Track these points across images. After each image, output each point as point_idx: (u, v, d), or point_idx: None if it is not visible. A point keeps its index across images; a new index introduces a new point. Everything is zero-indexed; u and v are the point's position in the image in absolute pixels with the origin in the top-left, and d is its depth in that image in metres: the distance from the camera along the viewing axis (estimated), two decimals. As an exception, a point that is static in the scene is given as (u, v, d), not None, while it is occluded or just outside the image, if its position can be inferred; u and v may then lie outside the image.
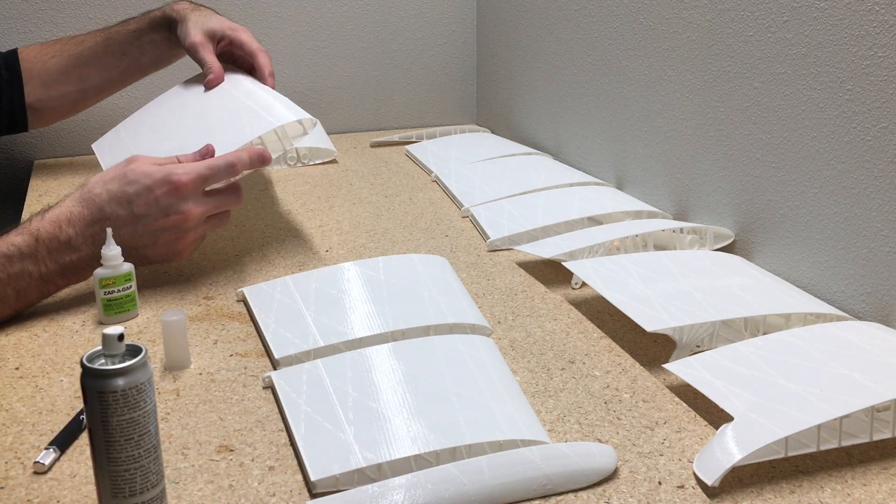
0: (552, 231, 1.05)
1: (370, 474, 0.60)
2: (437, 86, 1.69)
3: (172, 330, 0.74)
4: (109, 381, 0.51)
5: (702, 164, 1.03)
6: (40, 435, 0.66)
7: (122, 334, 0.52)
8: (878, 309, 0.80)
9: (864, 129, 0.80)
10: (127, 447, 0.52)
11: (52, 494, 0.59)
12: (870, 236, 0.80)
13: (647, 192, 1.15)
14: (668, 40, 1.07)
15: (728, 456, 0.59)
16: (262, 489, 0.60)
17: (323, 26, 1.59)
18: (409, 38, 1.65)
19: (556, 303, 0.89)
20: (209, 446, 0.65)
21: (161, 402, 0.70)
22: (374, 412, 0.65)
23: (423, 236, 1.09)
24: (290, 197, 1.25)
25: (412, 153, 1.47)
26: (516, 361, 0.77)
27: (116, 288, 0.83)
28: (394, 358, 0.72)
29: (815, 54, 0.84)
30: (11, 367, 0.76)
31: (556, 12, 1.35)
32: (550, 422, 0.68)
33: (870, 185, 0.80)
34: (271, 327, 0.80)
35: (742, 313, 0.78)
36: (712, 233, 0.98)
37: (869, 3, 0.78)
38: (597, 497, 0.59)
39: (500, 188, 1.21)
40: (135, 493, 0.53)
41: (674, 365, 0.70)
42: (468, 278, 0.95)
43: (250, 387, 0.73)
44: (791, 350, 0.71)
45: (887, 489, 0.60)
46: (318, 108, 1.63)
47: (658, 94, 1.10)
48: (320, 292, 0.85)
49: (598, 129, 1.27)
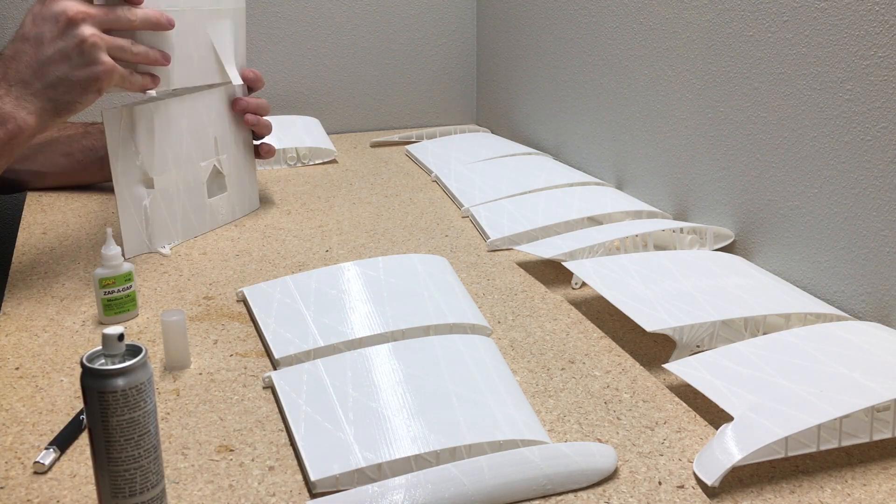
0: (552, 231, 1.05)
1: (370, 474, 0.60)
2: (437, 86, 1.69)
3: (172, 330, 0.75)
4: (109, 381, 0.51)
5: (702, 164, 1.03)
6: (40, 435, 0.66)
7: (122, 334, 0.52)
8: (878, 309, 0.80)
9: (864, 129, 0.80)
10: (127, 447, 0.52)
11: (52, 494, 0.59)
12: (870, 236, 0.80)
13: (647, 192, 1.15)
14: (668, 40, 1.07)
15: (728, 456, 0.59)
16: (262, 489, 0.60)
17: (323, 26, 1.59)
18: (409, 38, 1.65)
19: (556, 303, 0.89)
20: (209, 446, 0.65)
21: (161, 402, 0.70)
22: (374, 412, 0.65)
23: (423, 236, 1.09)
24: (290, 197, 1.25)
25: (412, 153, 1.47)
26: (516, 361, 0.77)
27: (116, 288, 0.83)
28: (394, 358, 0.72)
29: (815, 54, 0.84)
30: (11, 367, 0.76)
31: (556, 12, 1.35)
32: (550, 422, 0.68)
33: (870, 185, 0.80)
34: (271, 327, 0.80)
35: (742, 313, 0.78)
36: (712, 233, 0.98)
37: (869, 3, 0.78)
38: (597, 497, 0.59)
39: (500, 188, 1.21)
40: (135, 493, 0.53)
41: (674, 365, 0.70)
42: (468, 278, 0.95)
43: (250, 387, 0.73)
44: (791, 350, 0.71)
45: (887, 489, 0.60)
46: (318, 108, 1.63)
47: (658, 94, 1.10)
48: (320, 292, 0.85)
49: (598, 129, 1.27)
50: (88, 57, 0.86)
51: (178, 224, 1.05)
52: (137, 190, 0.99)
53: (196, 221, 1.08)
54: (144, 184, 1.00)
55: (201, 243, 1.06)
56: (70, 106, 0.87)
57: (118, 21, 0.89)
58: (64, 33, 0.85)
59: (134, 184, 0.99)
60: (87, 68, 0.86)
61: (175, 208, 1.04)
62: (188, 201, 1.06)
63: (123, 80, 0.90)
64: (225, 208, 1.12)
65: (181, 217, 1.05)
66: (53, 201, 1.20)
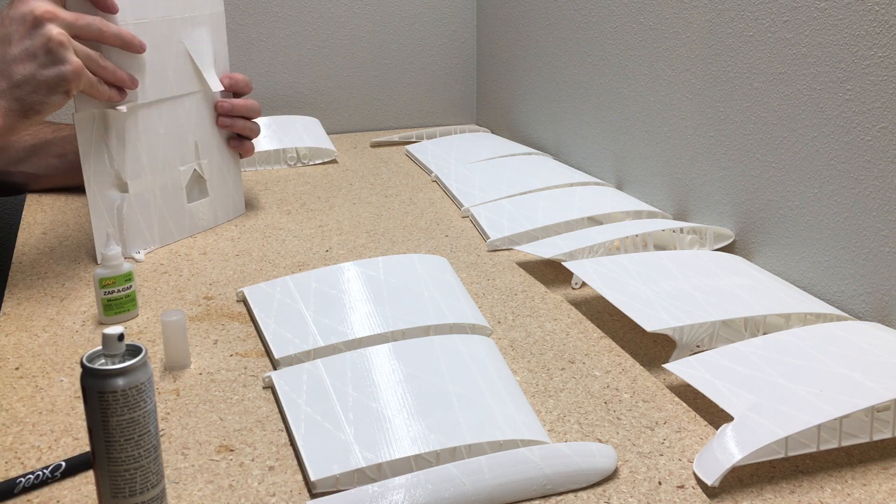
0: (552, 231, 1.05)
1: (370, 474, 0.60)
2: (437, 86, 1.69)
3: (172, 330, 0.75)
4: (109, 381, 0.51)
5: (702, 164, 1.03)
6: (40, 435, 0.66)
7: (122, 334, 0.52)
8: (878, 309, 0.80)
9: (864, 129, 0.80)
10: (127, 447, 0.52)
11: (52, 494, 0.59)
12: (870, 236, 0.80)
13: (647, 192, 1.15)
14: (668, 40, 1.07)
15: (728, 456, 0.59)
16: (262, 489, 0.60)
17: (323, 26, 1.59)
18: (409, 38, 1.65)
19: (556, 303, 0.89)
20: (209, 446, 0.65)
21: (161, 402, 0.70)
22: (374, 412, 0.65)
23: (423, 236, 1.09)
24: (290, 197, 1.25)
25: (412, 153, 1.47)
26: (516, 361, 0.77)
27: (116, 288, 0.83)
28: (394, 358, 0.72)
29: (815, 54, 0.84)
30: (11, 367, 0.76)
31: (556, 12, 1.35)
32: (550, 422, 0.68)
33: (870, 185, 0.80)
34: (271, 327, 0.80)
35: (742, 313, 0.78)
36: (712, 233, 0.98)
37: (869, 3, 0.78)
38: (597, 497, 0.59)
39: (500, 188, 1.21)
40: (135, 493, 0.53)
41: (674, 365, 0.70)
42: (468, 278, 0.95)
43: (250, 387, 0.73)
44: (791, 350, 0.71)
45: (887, 489, 0.60)
46: (318, 108, 1.63)
47: (658, 94, 1.10)
48: (320, 292, 0.85)
49: (598, 129, 1.27)
50: (55, 56, 0.84)
51: (154, 229, 1.03)
52: (110, 194, 0.98)
53: (174, 226, 1.06)
54: (118, 188, 0.98)
55: (201, 243, 1.06)
56: (38, 106, 0.85)
57: (88, 29, 0.88)
58: (31, 32, 0.84)
59: (107, 188, 0.97)
60: (53, 67, 0.84)
61: (151, 213, 1.02)
62: (166, 206, 1.04)
63: (91, 87, 0.89)
64: (206, 213, 1.10)
65: (158, 222, 1.03)
66: (53, 201, 1.20)
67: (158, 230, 1.04)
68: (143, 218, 1.01)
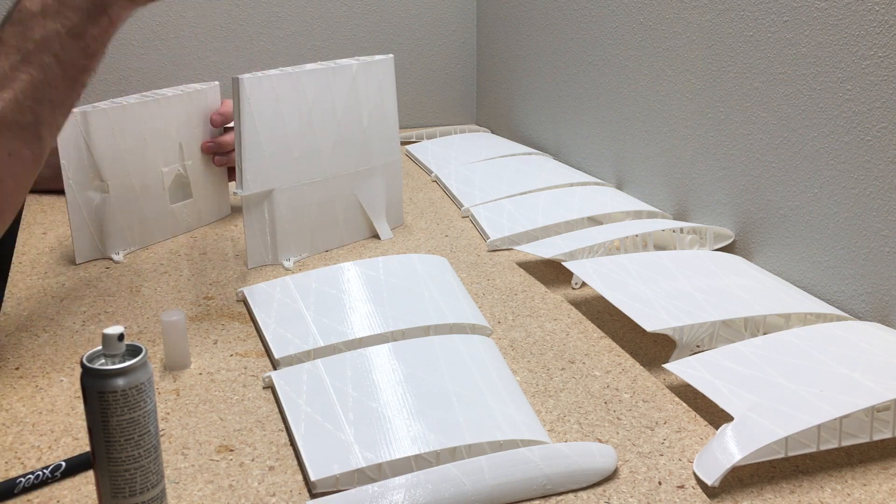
0: (552, 231, 1.05)
1: (370, 474, 0.60)
2: (437, 86, 1.69)
3: (172, 330, 0.74)
4: (109, 381, 0.51)
5: (702, 164, 1.03)
6: (40, 435, 0.66)
7: (122, 334, 0.52)
8: (878, 309, 0.80)
9: (864, 129, 0.80)
10: (127, 447, 0.52)
11: (52, 494, 0.59)
12: (870, 236, 0.80)
13: (647, 192, 1.15)
14: (668, 40, 1.07)
15: (728, 456, 0.59)
16: (262, 489, 0.60)
17: (323, 26, 1.59)
18: (409, 38, 1.65)
19: (556, 303, 0.89)
20: (209, 446, 0.65)
21: (161, 402, 0.70)
22: (374, 412, 0.65)
23: (423, 236, 1.09)
24: (290, 197, 1.25)
25: (412, 153, 1.47)
26: (516, 361, 0.77)
27: None
28: (394, 358, 0.72)
29: (815, 54, 0.84)
30: (11, 367, 0.76)
31: (556, 12, 1.35)
32: (550, 422, 0.68)
33: (870, 185, 0.80)
34: (271, 327, 0.80)
35: (742, 313, 0.78)
36: (712, 233, 0.98)
37: (869, 3, 0.78)
38: (597, 497, 0.59)
39: (500, 188, 1.21)
40: (135, 493, 0.53)
41: (674, 365, 0.70)
42: (468, 278, 0.95)
43: (250, 387, 0.73)
44: (791, 350, 0.71)
45: (887, 489, 0.60)
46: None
47: (658, 94, 1.10)
48: (320, 292, 0.85)
49: (598, 129, 1.27)
50: None
51: (135, 230, 1.03)
52: (90, 194, 0.97)
53: (156, 227, 1.06)
54: (98, 188, 0.98)
55: (201, 243, 1.06)
56: None
57: None
58: None
59: (86, 188, 0.97)
60: None
61: (132, 214, 1.02)
62: (147, 207, 1.04)
63: None
64: (189, 215, 1.10)
65: (139, 223, 1.03)
66: (53, 201, 1.20)
67: (140, 230, 1.03)
68: (124, 218, 1.01)
